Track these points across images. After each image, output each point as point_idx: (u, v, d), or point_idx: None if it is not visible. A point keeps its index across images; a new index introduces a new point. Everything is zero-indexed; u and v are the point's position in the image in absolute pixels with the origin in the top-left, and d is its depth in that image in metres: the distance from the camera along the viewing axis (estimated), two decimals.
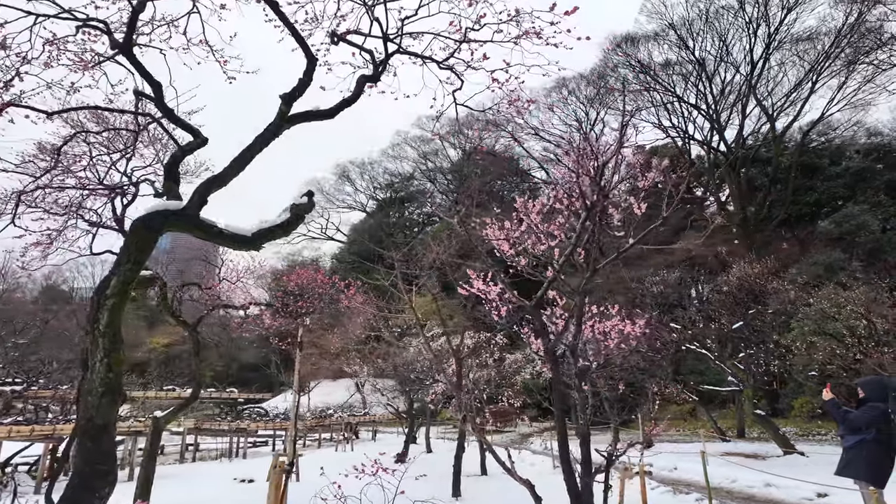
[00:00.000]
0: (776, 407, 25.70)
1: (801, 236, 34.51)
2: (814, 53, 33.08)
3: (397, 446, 27.01)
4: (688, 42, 35.08)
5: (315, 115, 3.70)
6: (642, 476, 8.40)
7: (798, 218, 36.12)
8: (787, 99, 35.92)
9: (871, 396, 6.29)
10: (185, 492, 11.46)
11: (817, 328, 16.55)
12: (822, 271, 23.98)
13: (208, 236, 3.45)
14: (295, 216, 4.01)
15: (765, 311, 15.69)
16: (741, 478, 11.72)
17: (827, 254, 25.88)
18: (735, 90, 36.93)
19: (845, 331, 15.70)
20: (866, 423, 6.18)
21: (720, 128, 38.11)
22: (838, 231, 30.94)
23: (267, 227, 3.87)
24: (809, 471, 11.19)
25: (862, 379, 6.64)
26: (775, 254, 25.54)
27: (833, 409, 6.47)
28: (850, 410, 6.41)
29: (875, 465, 6.12)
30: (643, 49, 36.55)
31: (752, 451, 16.09)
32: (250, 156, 3.56)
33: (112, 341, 3.14)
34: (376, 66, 4.11)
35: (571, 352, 6.42)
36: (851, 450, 6.32)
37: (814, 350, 15.93)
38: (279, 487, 5.77)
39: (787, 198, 35.38)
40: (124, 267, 3.20)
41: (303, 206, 4.13)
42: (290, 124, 3.67)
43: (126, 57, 3.86)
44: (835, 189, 35.17)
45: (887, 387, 6.34)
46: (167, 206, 3.32)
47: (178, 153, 4.06)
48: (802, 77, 34.24)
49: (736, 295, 16.46)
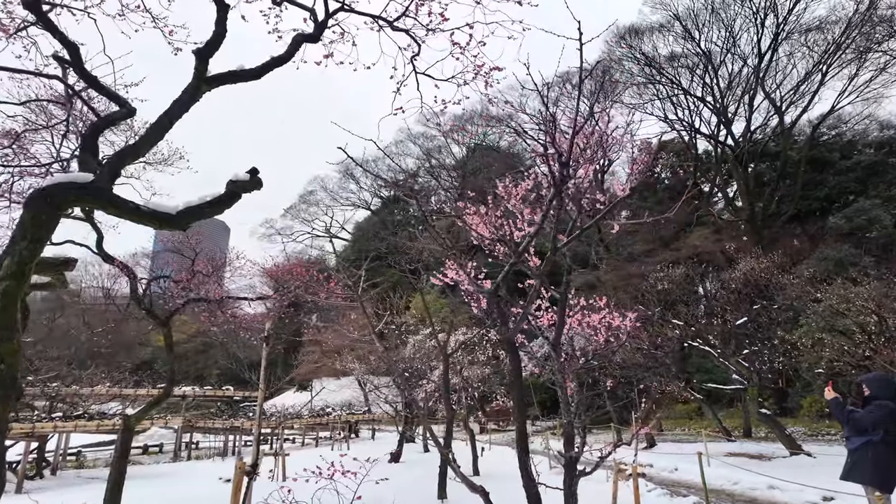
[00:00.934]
0: (784, 406, 25.07)
1: (810, 232, 33.70)
2: (824, 44, 32.25)
3: (395, 445, 26.68)
4: (693, 33, 34.34)
5: (239, 75, 3.31)
6: (635, 479, 7.97)
7: (808, 213, 35.34)
8: (796, 91, 35.08)
9: (878, 394, 5.82)
10: (162, 491, 11.16)
11: (826, 325, 16.02)
12: (831, 267, 23.32)
13: (122, 213, 3.09)
14: (229, 193, 3.63)
15: (770, 307, 15.14)
16: (744, 480, 11.23)
17: (837, 249, 25.16)
18: (742, 83, 36.15)
19: (855, 327, 15.19)
20: (873, 424, 5.71)
21: (727, 121, 37.34)
22: (849, 226, 30.21)
23: (195, 205, 3.48)
24: (816, 472, 10.70)
25: (866, 375, 6.14)
26: (784, 249, 24.93)
27: (836, 408, 6.00)
28: (854, 410, 5.94)
29: (882, 469, 5.65)
30: (648, 41, 35.85)
31: (757, 451, 15.56)
32: (168, 122, 3.19)
33: (5, 329, 2.79)
34: (317, 24, 3.72)
35: (553, 347, 6.01)
36: (857, 452, 5.85)
37: (822, 347, 15.41)
38: (239, 489, 5.43)
39: (797, 193, 34.61)
40: (20, 245, 2.84)
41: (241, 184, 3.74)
42: (210, 86, 3.28)
43: (34, 14, 3.51)
44: (846, 183, 34.36)
45: (894, 383, 5.88)
46: (72, 178, 2.97)
47: (99, 122, 3.70)
48: (811, 68, 33.40)
49: (741, 290, 15.93)
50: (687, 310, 15.67)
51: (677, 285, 18.70)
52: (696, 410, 26.72)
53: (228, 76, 3.34)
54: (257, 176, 3.99)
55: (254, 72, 3.34)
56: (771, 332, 14.52)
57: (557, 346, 6.04)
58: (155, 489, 11.36)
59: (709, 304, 16.19)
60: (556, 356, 6.04)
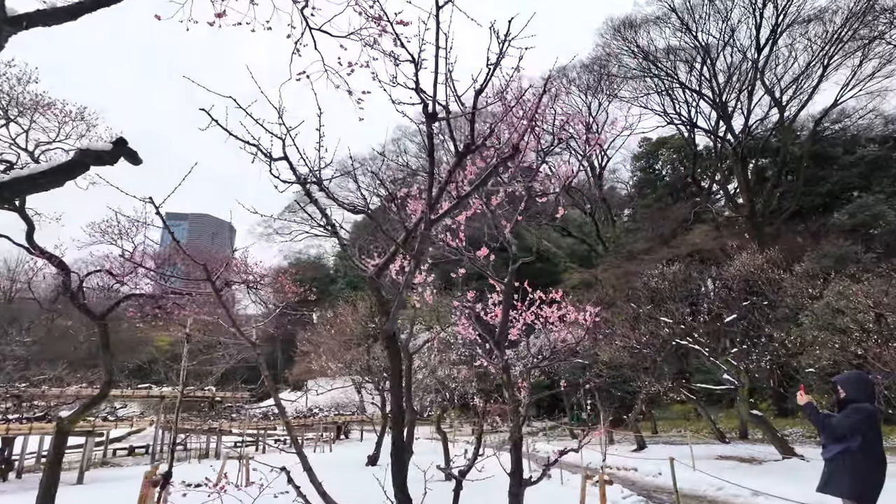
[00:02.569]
0: (784, 407, 24.37)
1: (812, 229, 32.93)
2: (825, 35, 31.42)
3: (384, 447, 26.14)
4: (690, 25, 33.56)
5: (50, 14, 2.78)
6: (602, 486, 7.39)
7: (810, 210, 34.58)
8: (796, 85, 34.25)
9: (855, 396, 5.22)
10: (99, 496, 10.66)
11: (822, 323, 15.40)
12: (832, 264, 22.63)
13: None
14: (73, 162, 3.09)
15: (760, 303, 14.49)
16: (728, 485, 10.62)
17: (837, 245, 24.44)
18: (742, 77, 35.36)
19: (852, 325, 14.57)
20: (850, 429, 5.11)
21: (727, 116, 36.55)
22: (852, 223, 29.52)
23: (25, 174, 2.96)
24: (807, 476, 10.07)
25: (841, 375, 5.54)
26: (785, 247, 24.21)
27: (811, 414, 5.40)
28: (830, 415, 5.35)
29: (861, 480, 5.05)
30: (643, 35, 35.11)
31: (749, 454, 14.94)
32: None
33: None
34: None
35: (496, 344, 5.47)
36: (833, 462, 5.25)
37: (817, 346, 14.80)
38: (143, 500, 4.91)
39: (799, 189, 33.86)
40: None
41: (92, 153, 3.20)
42: (15, 28, 2.76)
43: None
44: (849, 179, 33.61)
45: (872, 383, 5.30)
46: None
47: None
48: (812, 60, 32.56)
49: (732, 287, 15.28)
50: (676, 307, 15.05)
51: (669, 282, 18.09)
52: (693, 411, 26.05)
53: (37, 16, 2.80)
54: (125, 147, 3.45)
55: (67, 10, 2.80)
56: (761, 329, 13.86)
57: (501, 344, 5.50)
58: (93, 493, 10.88)
59: (698, 301, 15.56)
60: (499, 354, 5.50)
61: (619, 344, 17.26)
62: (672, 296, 16.11)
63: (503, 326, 5.51)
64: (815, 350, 13.75)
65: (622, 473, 13.42)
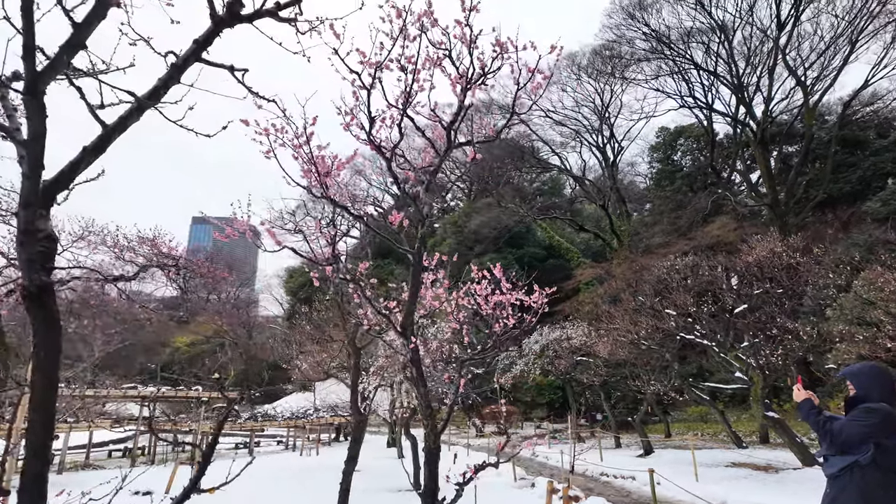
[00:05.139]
0: None
1: (842, 218, 30.74)
2: (853, 9, 29.24)
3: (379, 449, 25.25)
4: (703, 1, 31.63)
5: None
6: (566, 502, 6.21)
7: (839, 198, 32.33)
8: (822, 66, 32.02)
9: (868, 393, 3.93)
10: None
11: (851, 316, 13.86)
12: (862, 253, 20.80)
13: None
14: None
15: (775, 291, 12.97)
16: (734, 498, 9.29)
17: (868, 233, 22.52)
18: (762, 58, 33.30)
19: (884, 317, 13.03)
20: (860, 437, 3.84)
21: (747, 100, 34.50)
22: (886, 210, 27.35)
23: None
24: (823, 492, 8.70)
25: (851, 367, 4.22)
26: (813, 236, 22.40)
27: (808, 414, 4.11)
28: (834, 417, 4.06)
29: (873, 502, 3.79)
30: (654, 14, 33.30)
31: (765, 461, 13.45)
32: None
33: None
34: None
35: (401, 332, 4.37)
36: (838, 480, 3.94)
37: (846, 340, 13.27)
38: None
39: (827, 176, 31.63)
40: None
41: None
42: None
43: None
44: (882, 164, 31.34)
45: (892, 379, 4.01)
46: None
47: None
48: (838, 37, 30.34)
49: (743, 274, 13.80)
50: (683, 298, 13.61)
51: (677, 273, 16.66)
52: (710, 412, 24.40)
53: None
54: None
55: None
56: (775, 321, 12.35)
57: (407, 331, 4.40)
58: None
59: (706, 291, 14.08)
60: (406, 343, 4.40)
61: (622, 339, 15.92)
62: (679, 286, 14.70)
63: (409, 308, 4.42)
64: (841, 344, 12.22)
65: (618, 483, 12.11)
